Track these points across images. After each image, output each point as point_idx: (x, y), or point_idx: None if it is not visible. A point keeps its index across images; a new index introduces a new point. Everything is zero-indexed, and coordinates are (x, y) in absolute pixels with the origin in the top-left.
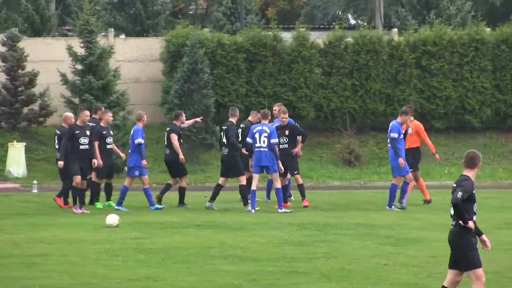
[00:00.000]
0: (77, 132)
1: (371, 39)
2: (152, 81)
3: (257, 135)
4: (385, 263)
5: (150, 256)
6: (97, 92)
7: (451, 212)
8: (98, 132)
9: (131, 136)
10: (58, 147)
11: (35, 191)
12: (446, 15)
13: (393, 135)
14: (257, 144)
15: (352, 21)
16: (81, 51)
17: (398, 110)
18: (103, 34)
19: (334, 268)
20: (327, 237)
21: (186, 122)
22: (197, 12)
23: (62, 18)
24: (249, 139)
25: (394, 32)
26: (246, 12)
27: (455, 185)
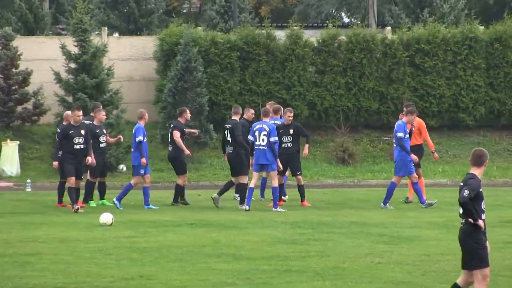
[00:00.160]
0: (71, 132)
1: (365, 38)
2: (146, 80)
3: (257, 133)
4: (379, 262)
5: (144, 255)
6: (91, 91)
7: (460, 211)
8: (91, 131)
9: (133, 135)
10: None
11: (29, 190)
12: (440, 13)
13: (400, 135)
14: (257, 142)
15: (346, 20)
16: (75, 50)
17: (392, 109)
18: (97, 33)
19: (328, 267)
20: (321, 236)
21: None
22: (191, 11)
23: (56, 17)
24: (251, 137)
25: (388, 30)
26: (240, 11)
27: (462, 184)
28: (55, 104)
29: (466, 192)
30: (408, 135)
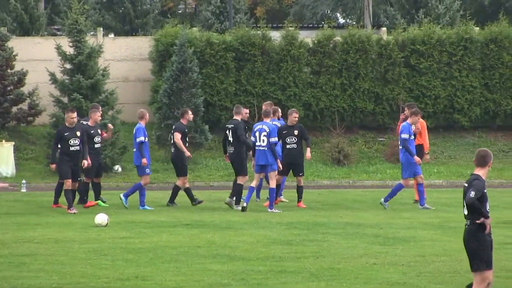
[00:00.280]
0: (66, 134)
1: (360, 38)
2: (141, 80)
3: (257, 134)
4: (374, 262)
5: (139, 256)
6: (86, 92)
7: (465, 212)
8: (86, 132)
9: (134, 135)
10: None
11: (24, 191)
12: (435, 14)
13: (404, 136)
14: (257, 143)
15: (341, 20)
16: (70, 51)
17: (387, 109)
18: (92, 34)
19: (323, 267)
20: (316, 237)
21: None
22: (186, 11)
23: (51, 18)
24: (253, 137)
25: (383, 31)
26: (235, 11)
27: (467, 185)
28: (51, 105)
29: (472, 193)
30: (413, 136)
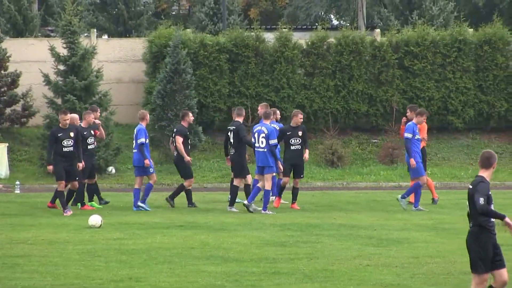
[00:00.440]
0: (60, 135)
1: (354, 40)
2: (135, 82)
3: (256, 135)
4: (368, 264)
5: (132, 257)
6: (80, 93)
7: (469, 214)
8: (80, 133)
9: (135, 136)
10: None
11: (18, 192)
12: (429, 16)
13: (407, 135)
14: (256, 144)
15: (335, 22)
16: (64, 52)
17: (381, 111)
18: (86, 35)
19: (317, 269)
20: (309, 238)
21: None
22: (180, 13)
23: (45, 19)
24: (252, 139)
25: (377, 33)
26: (229, 13)
27: (471, 187)
28: (44, 106)
29: (481, 200)
30: (418, 136)
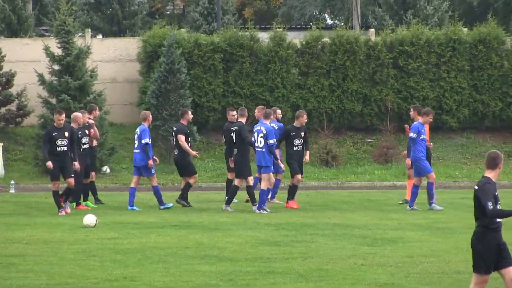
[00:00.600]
0: (54, 134)
1: (348, 39)
2: (129, 81)
3: (255, 135)
4: (362, 263)
5: (127, 256)
6: (74, 93)
7: (476, 215)
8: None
9: (139, 137)
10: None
11: (13, 191)
12: (423, 15)
13: (411, 135)
14: (256, 144)
15: (329, 21)
16: (58, 52)
17: (375, 111)
18: (80, 35)
19: (311, 268)
20: (304, 237)
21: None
22: (174, 13)
23: (39, 19)
24: (252, 138)
25: (371, 32)
26: (223, 12)
27: (477, 188)
28: (39, 106)
29: (490, 205)
30: (424, 136)
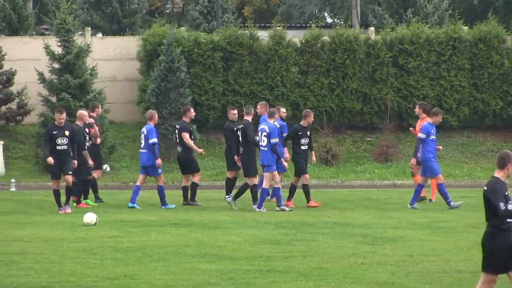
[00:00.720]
0: (55, 133)
1: (348, 38)
2: (129, 80)
3: (259, 134)
4: (362, 262)
5: (127, 255)
6: (74, 91)
7: (486, 215)
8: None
9: (145, 136)
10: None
11: (13, 190)
12: (423, 14)
13: (420, 135)
14: (260, 143)
15: (329, 20)
16: (58, 50)
17: (375, 109)
18: (80, 33)
19: (311, 267)
20: (304, 236)
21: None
22: (174, 11)
23: (40, 17)
24: (257, 137)
25: (371, 31)
26: (223, 11)
27: (486, 188)
28: (39, 104)
29: (501, 205)
30: (434, 137)
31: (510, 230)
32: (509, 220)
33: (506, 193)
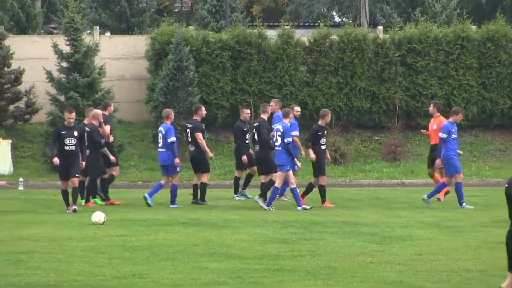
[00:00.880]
0: (63, 133)
1: (356, 37)
2: (137, 79)
3: (274, 133)
4: (371, 261)
5: (136, 254)
6: (83, 90)
7: (509, 213)
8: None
9: (163, 135)
10: (87, 145)
11: (21, 189)
12: (432, 13)
13: (442, 135)
14: (275, 143)
15: (337, 19)
16: (67, 49)
17: (383, 108)
18: (88, 32)
19: (319, 266)
20: (312, 235)
21: (203, 145)
22: (182, 10)
23: (48, 16)
24: (273, 136)
25: (379, 30)
26: (231, 10)
27: (508, 185)
28: (47, 103)
29: None
30: (455, 136)
31: None
32: None
33: None
